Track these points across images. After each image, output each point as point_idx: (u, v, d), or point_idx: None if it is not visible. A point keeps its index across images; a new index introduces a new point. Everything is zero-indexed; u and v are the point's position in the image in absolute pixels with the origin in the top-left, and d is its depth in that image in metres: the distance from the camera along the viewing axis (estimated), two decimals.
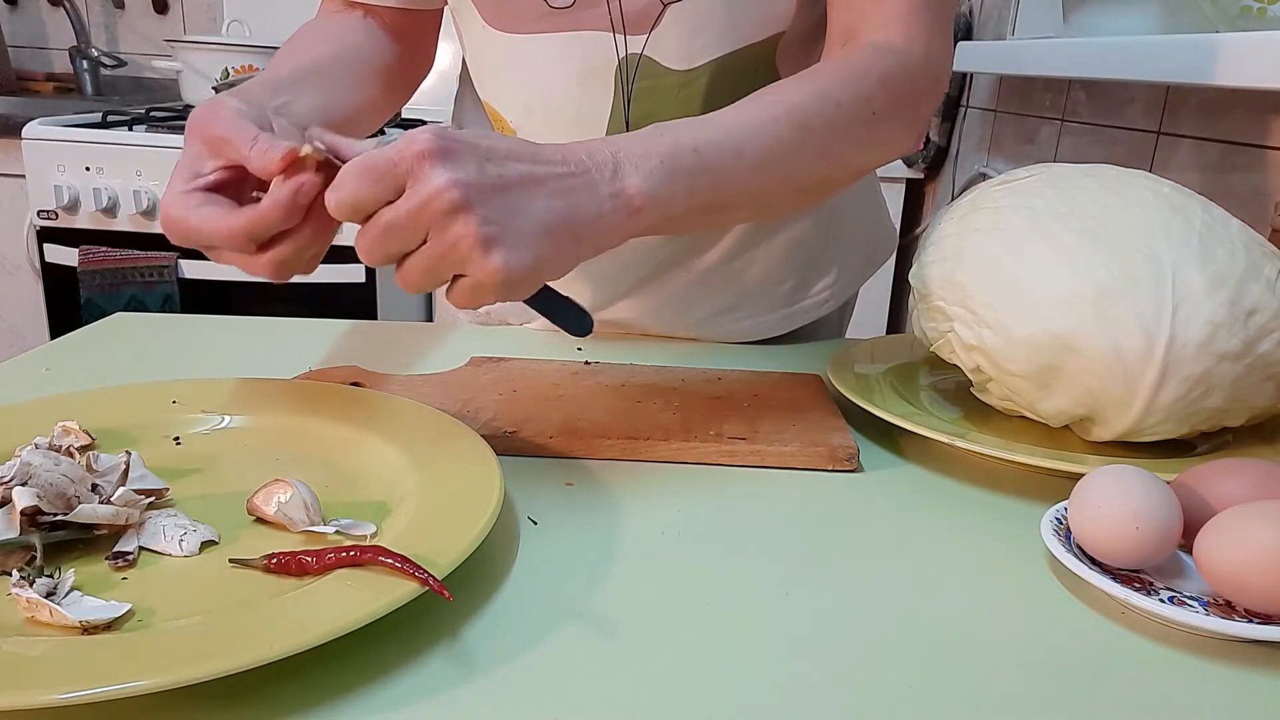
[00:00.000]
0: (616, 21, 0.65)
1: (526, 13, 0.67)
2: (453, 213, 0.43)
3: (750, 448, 0.55)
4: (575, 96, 0.69)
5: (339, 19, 0.75)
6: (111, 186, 1.66)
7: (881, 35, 0.60)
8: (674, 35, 0.65)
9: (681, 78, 0.67)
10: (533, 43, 0.68)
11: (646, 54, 0.66)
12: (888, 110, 0.59)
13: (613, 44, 0.66)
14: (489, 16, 0.69)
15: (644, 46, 0.66)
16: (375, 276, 1.71)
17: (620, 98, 0.68)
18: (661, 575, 0.43)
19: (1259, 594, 0.38)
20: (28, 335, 1.90)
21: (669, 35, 0.65)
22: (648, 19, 0.65)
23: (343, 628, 0.33)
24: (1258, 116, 0.92)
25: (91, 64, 2.26)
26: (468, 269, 0.44)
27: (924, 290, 0.59)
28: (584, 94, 0.69)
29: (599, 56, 0.67)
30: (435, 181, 0.42)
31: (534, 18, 0.67)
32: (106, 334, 0.75)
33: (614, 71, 0.67)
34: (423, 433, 0.51)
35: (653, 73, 0.67)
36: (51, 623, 0.35)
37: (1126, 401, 0.51)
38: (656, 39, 0.66)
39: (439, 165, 0.43)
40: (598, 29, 0.66)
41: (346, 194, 0.43)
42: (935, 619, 0.40)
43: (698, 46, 0.66)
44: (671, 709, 0.34)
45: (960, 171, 1.74)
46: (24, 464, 0.41)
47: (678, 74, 0.67)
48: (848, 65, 0.59)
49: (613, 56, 0.67)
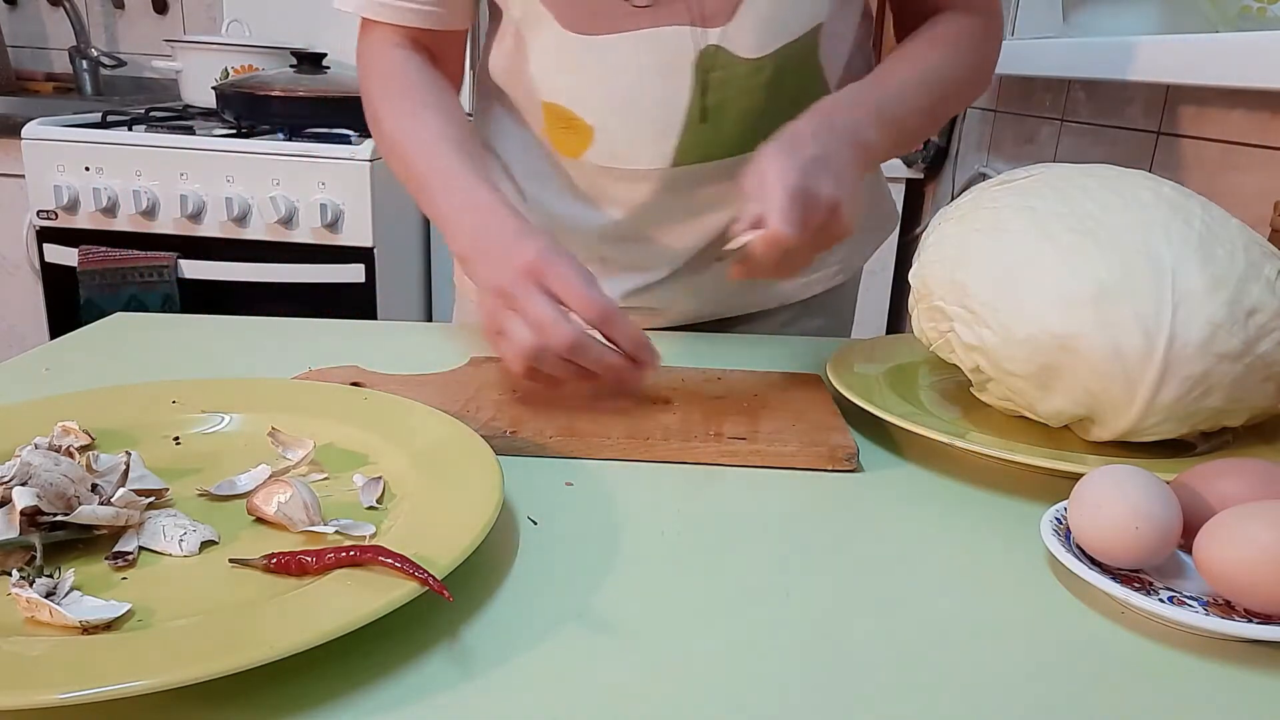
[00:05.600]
0: (696, 15, 0.70)
1: (609, 14, 0.71)
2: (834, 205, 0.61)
3: (750, 448, 0.55)
4: (656, 89, 0.73)
5: (417, 69, 0.76)
6: (111, 186, 1.66)
7: (956, 2, 0.78)
8: (747, 27, 0.71)
9: (751, 66, 0.73)
10: (614, 42, 0.72)
11: (722, 45, 0.72)
12: (976, 60, 0.79)
13: (691, 37, 0.71)
14: (569, 22, 0.72)
15: (720, 38, 0.71)
16: (375, 276, 1.72)
17: (697, 88, 0.73)
18: (661, 575, 0.43)
19: (1258, 594, 0.38)
20: (28, 335, 1.90)
21: (743, 27, 0.71)
22: (725, 12, 0.70)
23: (343, 628, 0.33)
24: (1258, 116, 0.92)
25: (91, 64, 2.26)
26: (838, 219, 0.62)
27: (924, 290, 0.59)
28: (663, 86, 0.73)
29: (679, 50, 0.72)
30: (828, 192, 0.61)
31: (617, 18, 0.71)
32: (106, 334, 0.75)
33: (692, 63, 0.72)
34: (423, 433, 0.51)
35: (727, 63, 0.72)
36: (51, 623, 0.35)
37: (1126, 401, 0.51)
38: (732, 31, 0.71)
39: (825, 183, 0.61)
40: (678, 23, 0.71)
41: (793, 231, 0.58)
42: (935, 619, 0.40)
43: (767, 37, 0.72)
44: (671, 709, 0.34)
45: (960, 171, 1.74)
46: (24, 464, 0.41)
47: (748, 63, 0.73)
48: (946, 31, 0.77)
49: (691, 49, 0.72)
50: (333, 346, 0.74)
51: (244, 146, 1.67)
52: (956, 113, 0.80)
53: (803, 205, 0.59)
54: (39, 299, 1.79)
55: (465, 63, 0.82)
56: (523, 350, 0.57)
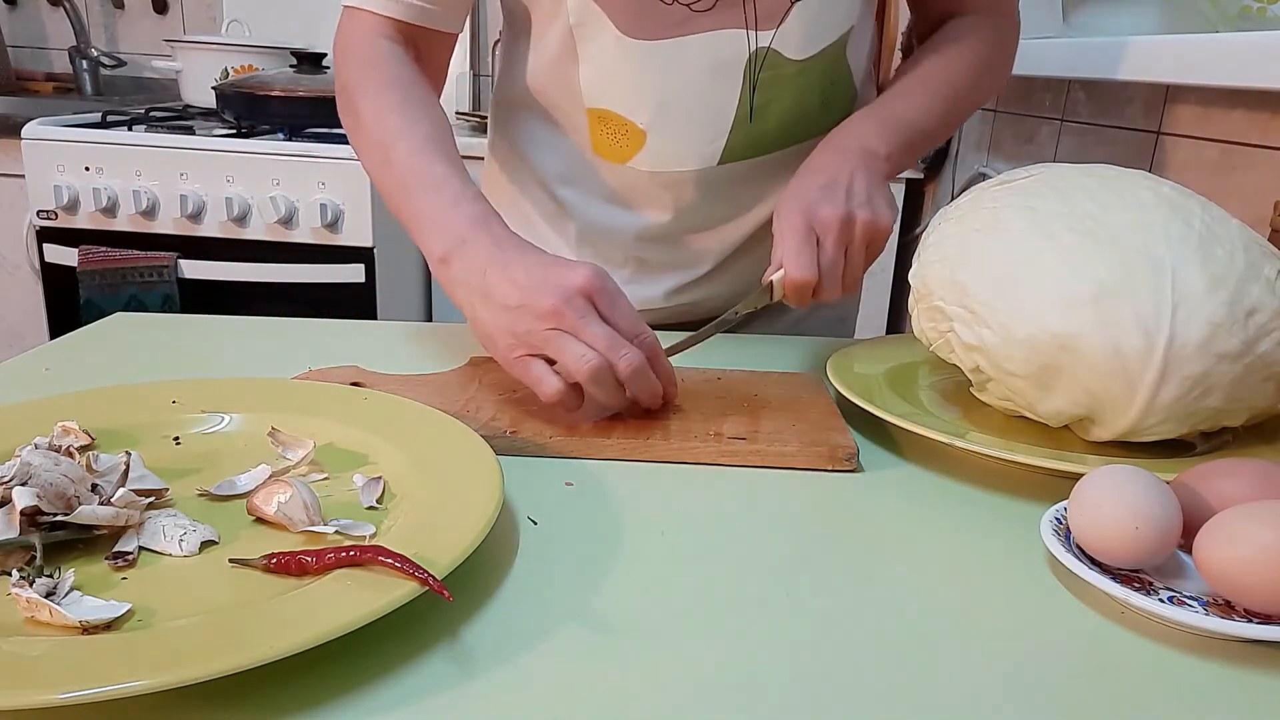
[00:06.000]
0: (750, 19, 0.73)
1: (668, 19, 0.72)
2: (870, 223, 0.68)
3: (750, 448, 0.55)
4: (709, 90, 0.76)
5: (404, 64, 0.74)
6: (111, 186, 1.66)
7: (974, 6, 0.82)
8: (796, 29, 0.74)
9: (798, 67, 0.76)
10: (671, 46, 0.73)
11: (773, 47, 0.75)
12: (993, 63, 0.82)
13: (745, 40, 0.74)
14: (628, 28, 0.73)
15: (772, 40, 0.74)
16: (375, 276, 1.72)
17: (747, 88, 0.76)
18: (661, 575, 0.43)
19: (1258, 594, 0.38)
20: (27, 335, 1.90)
21: (792, 30, 0.74)
22: (777, 15, 0.73)
23: (343, 628, 0.33)
24: (1258, 116, 0.92)
25: (91, 64, 2.26)
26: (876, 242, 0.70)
27: (924, 290, 0.59)
28: (716, 87, 0.76)
29: (733, 52, 0.74)
30: (840, 213, 0.67)
31: (675, 22, 0.72)
32: (106, 334, 0.75)
33: (744, 65, 0.75)
34: (423, 433, 0.51)
35: (776, 64, 0.75)
36: (51, 623, 0.35)
37: (1126, 401, 0.51)
38: (783, 33, 0.74)
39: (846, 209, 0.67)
40: (733, 27, 0.73)
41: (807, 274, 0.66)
42: (935, 619, 0.40)
43: (813, 38, 0.76)
44: (671, 709, 0.34)
45: (960, 171, 1.74)
46: (24, 464, 0.41)
47: (796, 64, 0.76)
48: (962, 35, 0.80)
49: (744, 51, 0.74)
50: (333, 346, 0.74)
51: (244, 146, 1.67)
52: (970, 114, 0.85)
53: (815, 243, 0.66)
54: (39, 299, 1.79)
55: (446, 71, 0.81)
56: (587, 370, 0.55)
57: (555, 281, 0.56)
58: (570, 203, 0.84)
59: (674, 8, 0.72)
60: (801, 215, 0.67)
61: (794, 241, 0.66)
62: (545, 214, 0.86)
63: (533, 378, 0.57)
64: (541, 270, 0.58)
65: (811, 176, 0.69)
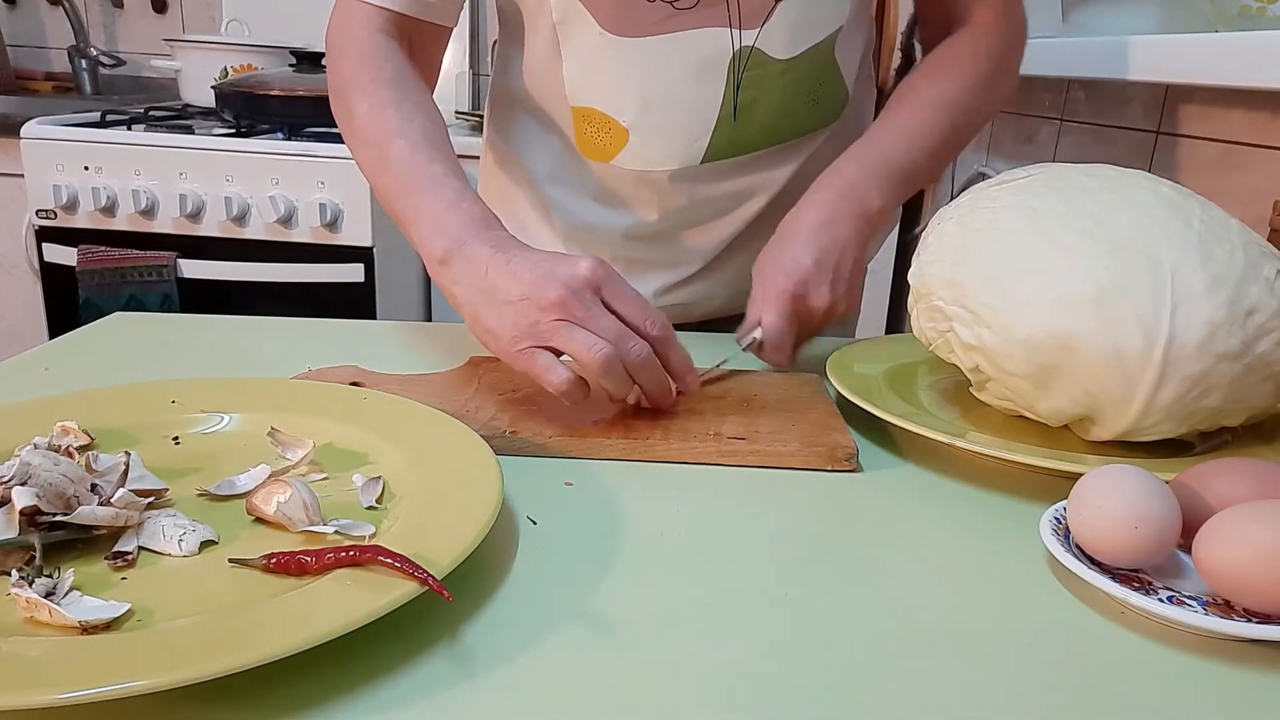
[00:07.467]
0: (734, 17, 0.73)
1: (650, 16, 0.72)
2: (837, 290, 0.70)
3: (750, 448, 0.55)
4: (692, 89, 0.75)
5: (400, 59, 0.74)
6: (110, 186, 1.66)
7: (979, 14, 0.79)
8: (781, 28, 0.74)
9: (782, 66, 0.76)
10: (654, 44, 0.73)
11: (757, 46, 0.74)
12: (998, 75, 0.79)
13: (729, 38, 0.73)
14: (610, 24, 0.73)
15: (755, 39, 0.74)
16: (375, 276, 1.71)
17: (731, 86, 0.75)
18: (661, 575, 0.43)
19: (1258, 594, 0.38)
20: (27, 335, 1.90)
21: (777, 28, 0.74)
22: (760, 14, 0.73)
23: (343, 628, 0.33)
24: (1258, 116, 0.92)
25: (90, 63, 2.25)
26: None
27: (924, 290, 0.59)
28: (699, 86, 0.75)
29: (716, 51, 0.74)
30: (823, 302, 0.68)
31: (658, 20, 0.72)
32: (106, 334, 0.75)
33: (728, 63, 0.75)
34: (422, 432, 0.51)
35: (761, 63, 0.75)
36: (51, 623, 0.35)
37: (1125, 401, 0.51)
38: (767, 32, 0.74)
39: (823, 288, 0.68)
40: (716, 25, 0.73)
41: (783, 360, 0.69)
42: (935, 619, 0.40)
43: (798, 38, 0.75)
44: (671, 709, 0.34)
45: (959, 171, 1.74)
46: (23, 464, 0.41)
47: (780, 63, 0.75)
48: (964, 51, 0.78)
49: (728, 49, 0.74)
50: (332, 346, 0.74)
51: (243, 146, 1.66)
52: (975, 133, 0.83)
53: (795, 318, 0.68)
54: (38, 299, 1.79)
55: (439, 67, 0.81)
56: (599, 358, 0.54)
57: (560, 274, 0.56)
58: (557, 201, 0.84)
59: (656, 5, 0.71)
60: (790, 300, 0.67)
61: (778, 328, 0.67)
62: (535, 212, 0.87)
63: (539, 369, 0.56)
64: (545, 264, 0.57)
65: (803, 246, 0.68)
